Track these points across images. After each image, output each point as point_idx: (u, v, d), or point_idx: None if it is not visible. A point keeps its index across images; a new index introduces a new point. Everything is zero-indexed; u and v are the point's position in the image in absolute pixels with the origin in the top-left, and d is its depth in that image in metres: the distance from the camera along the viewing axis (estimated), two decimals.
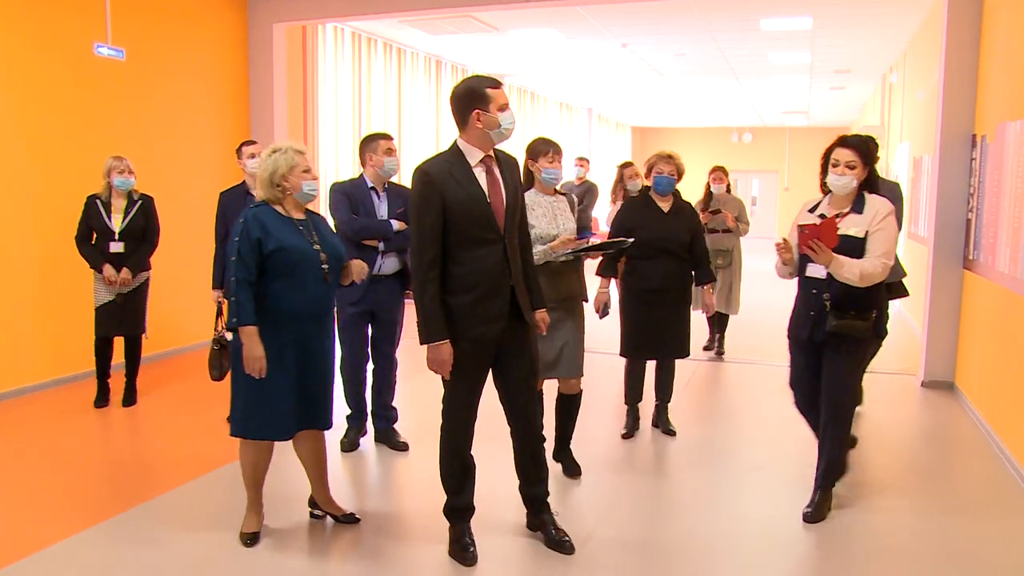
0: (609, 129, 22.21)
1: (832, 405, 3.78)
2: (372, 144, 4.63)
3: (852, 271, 3.52)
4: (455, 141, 3.28)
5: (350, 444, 4.82)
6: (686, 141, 22.33)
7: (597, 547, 3.54)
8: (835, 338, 3.66)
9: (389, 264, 4.61)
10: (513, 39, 10.82)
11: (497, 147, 3.33)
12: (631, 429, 5.11)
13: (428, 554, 3.45)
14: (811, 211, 3.81)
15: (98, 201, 5.52)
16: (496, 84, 3.21)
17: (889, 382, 6.74)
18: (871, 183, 3.72)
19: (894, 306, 10.63)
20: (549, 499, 3.58)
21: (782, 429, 5.35)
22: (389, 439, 4.89)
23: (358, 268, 3.62)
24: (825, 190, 3.80)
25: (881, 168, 13.17)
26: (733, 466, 4.59)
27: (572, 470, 4.39)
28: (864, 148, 3.64)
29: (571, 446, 4.42)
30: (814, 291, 3.69)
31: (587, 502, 4.08)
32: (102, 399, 5.68)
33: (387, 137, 4.69)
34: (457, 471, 3.40)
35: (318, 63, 9.39)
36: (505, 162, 3.35)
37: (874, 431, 5.40)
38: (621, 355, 5.03)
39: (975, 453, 4.96)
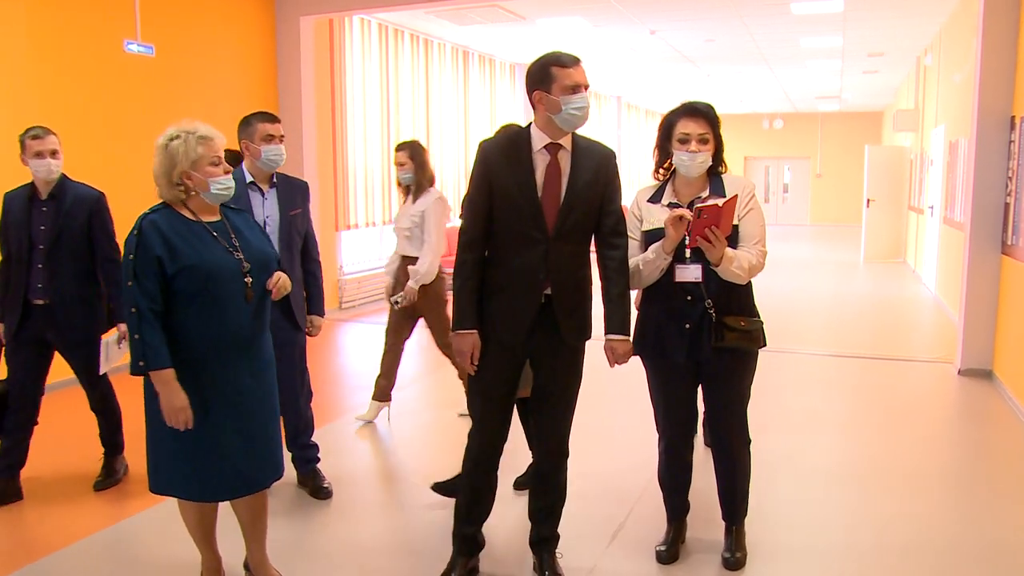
0: (639, 117, 22.06)
1: (734, 436, 3.21)
2: (248, 128, 3.73)
3: (741, 266, 2.92)
4: (530, 122, 2.94)
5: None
6: None
7: (624, 532, 3.54)
8: (724, 356, 3.04)
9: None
10: (541, 28, 10.76)
11: (583, 136, 2.96)
12: None
13: None
14: (651, 201, 3.11)
15: None
16: (566, 62, 2.81)
17: (925, 370, 6.64)
18: (719, 160, 3.09)
19: (929, 292, 10.48)
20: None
21: (812, 417, 5.30)
22: (310, 482, 4.05)
23: (278, 282, 2.82)
24: (661, 175, 3.15)
25: (916, 152, 13.00)
26: (761, 455, 4.53)
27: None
28: (715, 117, 3.05)
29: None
30: (688, 298, 3.00)
31: (616, 485, 4.06)
32: None
33: (269, 118, 3.76)
34: (466, 491, 3.11)
35: (345, 56, 9.42)
36: (585, 153, 2.92)
37: (910, 421, 5.32)
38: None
39: (1014, 443, 4.86)
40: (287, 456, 4.10)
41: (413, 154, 4.88)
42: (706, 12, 9.89)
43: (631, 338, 3.01)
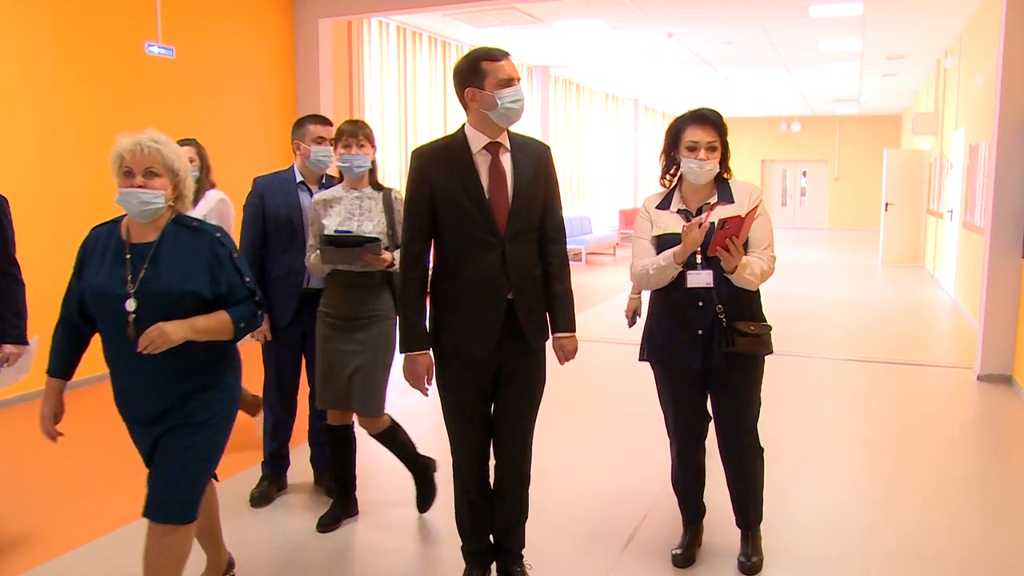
0: (656, 120, 22.02)
1: (746, 444, 3.18)
2: (300, 129, 3.85)
3: (754, 272, 2.93)
4: (462, 124, 2.83)
5: (261, 497, 3.90)
6: (734, 131, 21.47)
7: (640, 536, 3.53)
8: (733, 361, 3.04)
9: (317, 278, 3.71)
10: (558, 31, 10.77)
11: (516, 132, 2.86)
12: None
13: None
14: (660, 208, 3.11)
15: None
16: (497, 56, 2.71)
17: (944, 376, 6.59)
18: (725, 166, 3.09)
19: (948, 297, 10.40)
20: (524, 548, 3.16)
21: (830, 422, 5.27)
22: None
23: (145, 338, 2.35)
24: (668, 181, 3.16)
25: (935, 155, 12.90)
26: (778, 460, 4.52)
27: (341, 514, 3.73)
28: (723, 124, 3.04)
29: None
30: (700, 303, 3.00)
31: (631, 489, 4.05)
32: None
33: (320, 121, 3.86)
34: (463, 508, 3.01)
35: (364, 58, 9.46)
36: (523, 151, 2.83)
37: (929, 426, 5.28)
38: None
39: None
40: (305, 455, 4.17)
41: (200, 152, 4.35)
42: (724, 14, 9.87)
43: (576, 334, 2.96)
